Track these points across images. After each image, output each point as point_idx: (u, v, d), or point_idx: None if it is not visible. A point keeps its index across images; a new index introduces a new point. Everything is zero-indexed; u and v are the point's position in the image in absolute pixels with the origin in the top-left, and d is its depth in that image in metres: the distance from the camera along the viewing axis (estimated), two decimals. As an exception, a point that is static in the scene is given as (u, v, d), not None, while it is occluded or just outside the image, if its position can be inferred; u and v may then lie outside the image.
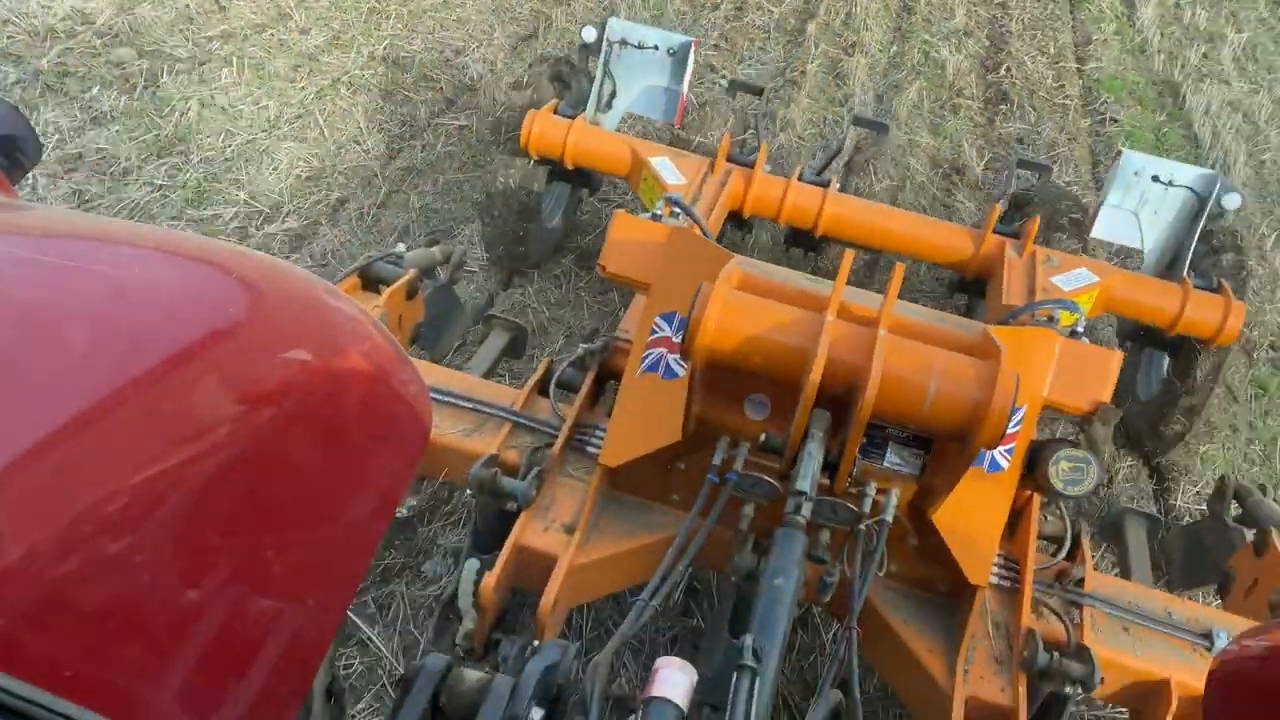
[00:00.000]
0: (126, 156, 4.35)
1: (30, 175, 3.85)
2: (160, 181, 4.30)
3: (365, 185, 4.55)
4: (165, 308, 1.00)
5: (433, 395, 2.59)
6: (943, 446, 2.19)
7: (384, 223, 4.35)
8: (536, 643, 1.38)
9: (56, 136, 4.35)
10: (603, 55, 3.72)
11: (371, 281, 2.99)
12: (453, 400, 2.63)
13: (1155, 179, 3.59)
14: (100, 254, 1.02)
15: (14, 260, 0.91)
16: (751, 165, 3.61)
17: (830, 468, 2.10)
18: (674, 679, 1.31)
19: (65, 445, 0.83)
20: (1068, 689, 2.23)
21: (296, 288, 1.18)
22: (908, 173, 5.19)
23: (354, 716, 2.55)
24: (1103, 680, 2.22)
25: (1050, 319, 2.80)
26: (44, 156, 4.20)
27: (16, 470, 0.77)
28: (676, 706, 1.29)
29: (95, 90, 4.70)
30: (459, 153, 4.85)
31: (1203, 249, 3.58)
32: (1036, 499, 2.53)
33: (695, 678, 1.34)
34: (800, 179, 3.64)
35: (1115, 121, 6.42)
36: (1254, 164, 6.19)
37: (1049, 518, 2.61)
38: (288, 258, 4.01)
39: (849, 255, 2.18)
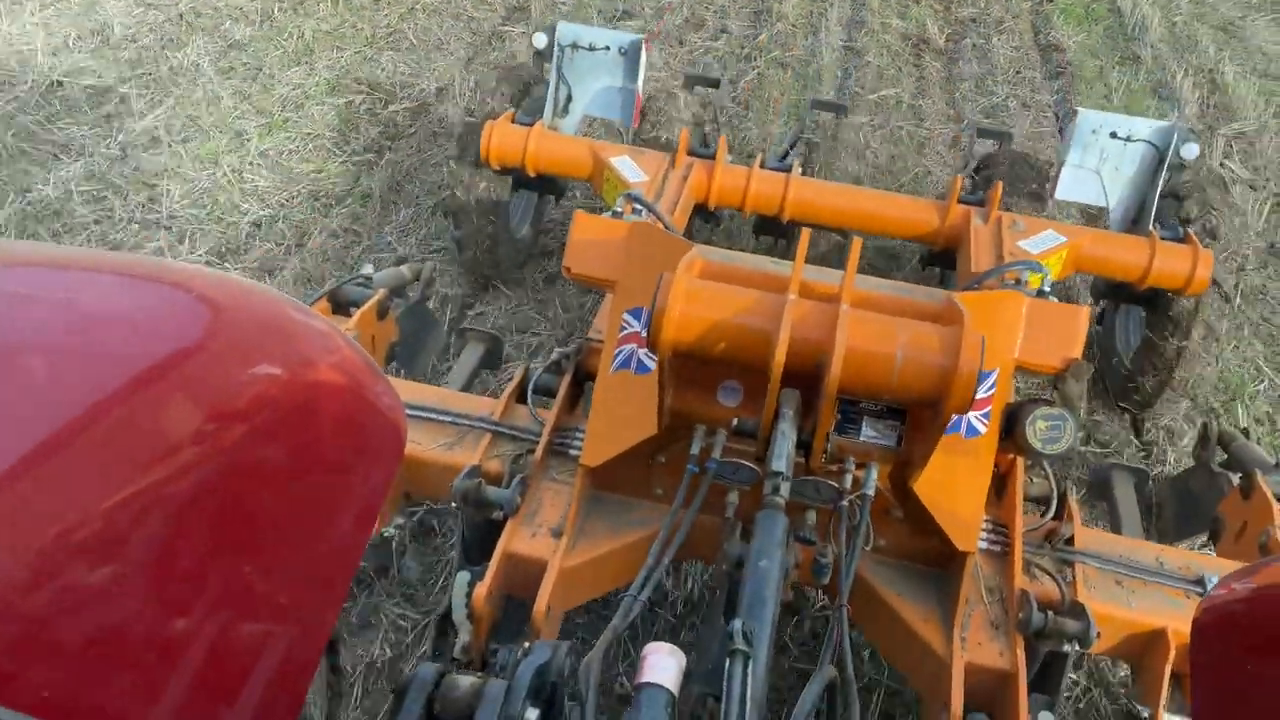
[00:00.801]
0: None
1: None
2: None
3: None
4: (125, 329, 1.00)
5: (411, 411, 2.60)
6: (917, 416, 2.20)
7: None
8: (526, 645, 1.38)
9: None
10: (555, 60, 3.73)
11: (342, 305, 2.99)
12: (431, 415, 2.63)
13: (1113, 135, 3.61)
14: (55, 281, 1.01)
15: None
16: (713, 157, 3.62)
17: (805, 447, 2.10)
18: (663, 664, 1.31)
19: (29, 474, 0.83)
20: (1065, 647, 2.25)
21: (260, 304, 1.17)
22: (885, 46, 6.70)
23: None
24: (1099, 635, 2.23)
25: (1017, 281, 2.82)
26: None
27: None
28: (668, 691, 1.29)
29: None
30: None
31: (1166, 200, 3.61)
32: (1021, 461, 2.54)
33: (684, 661, 1.35)
34: (763, 166, 3.66)
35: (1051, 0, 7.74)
36: (1166, 24, 7.57)
37: (1034, 479, 2.62)
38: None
39: (806, 234, 2.19)
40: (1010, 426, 2.33)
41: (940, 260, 3.82)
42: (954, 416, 2.05)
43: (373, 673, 2.78)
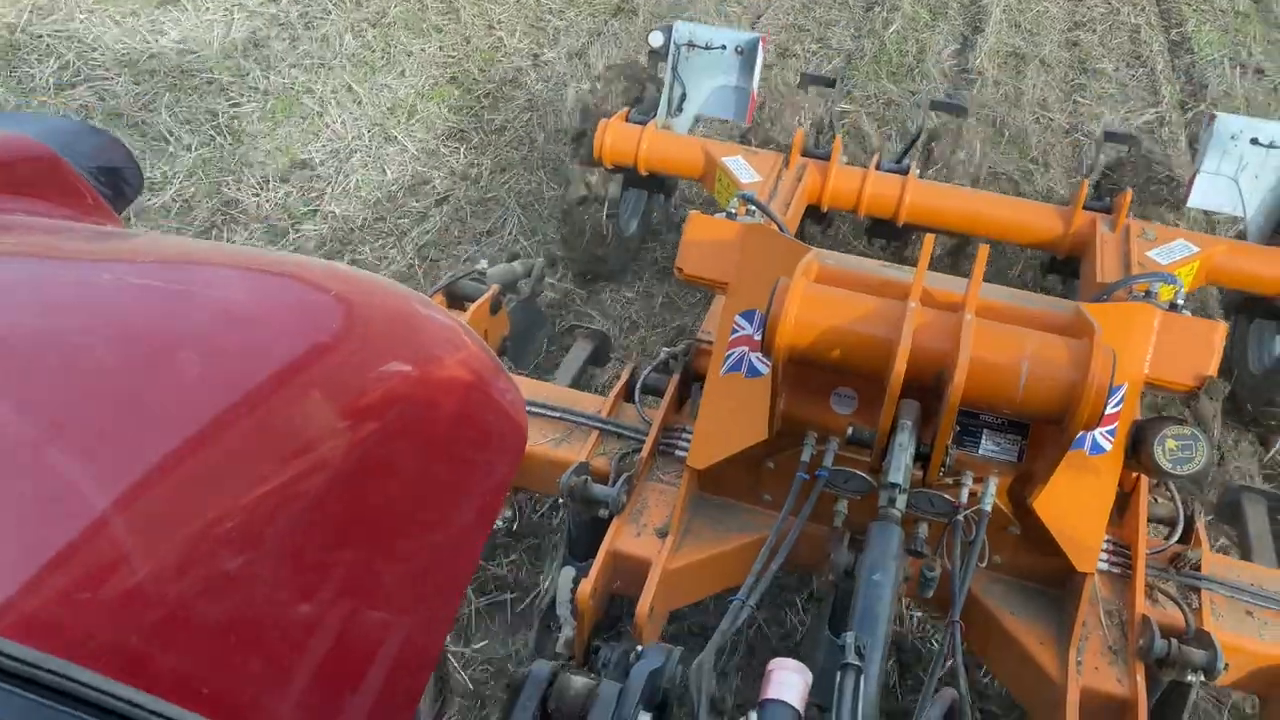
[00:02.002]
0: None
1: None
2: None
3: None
4: (269, 328, 1.03)
5: (522, 407, 2.63)
6: (1040, 431, 2.13)
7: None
8: (640, 648, 1.38)
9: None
10: (670, 59, 3.73)
11: (456, 299, 3.05)
12: (540, 410, 2.66)
13: (1254, 142, 3.43)
14: (203, 278, 1.05)
15: (123, 288, 0.95)
16: (827, 158, 3.57)
17: (923, 459, 2.06)
18: (789, 680, 1.30)
19: (183, 467, 0.86)
20: (1189, 677, 2.15)
21: (391, 301, 1.20)
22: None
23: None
24: (1227, 666, 2.12)
25: (1148, 293, 2.70)
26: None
27: (141, 493, 0.80)
28: (793, 709, 1.28)
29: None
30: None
31: None
32: (1145, 481, 2.44)
33: (810, 679, 1.33)
34: (879, 168, 3.59)
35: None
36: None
37: (1159, 500, 2.51)
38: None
39: (929, 240, 2.14)
40: (1137, 445, 2.23)
41: (1062, 269, 3.69)
42: (1079, 433, 1.97)
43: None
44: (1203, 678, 2.14)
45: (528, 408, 2.64)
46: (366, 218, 4.49)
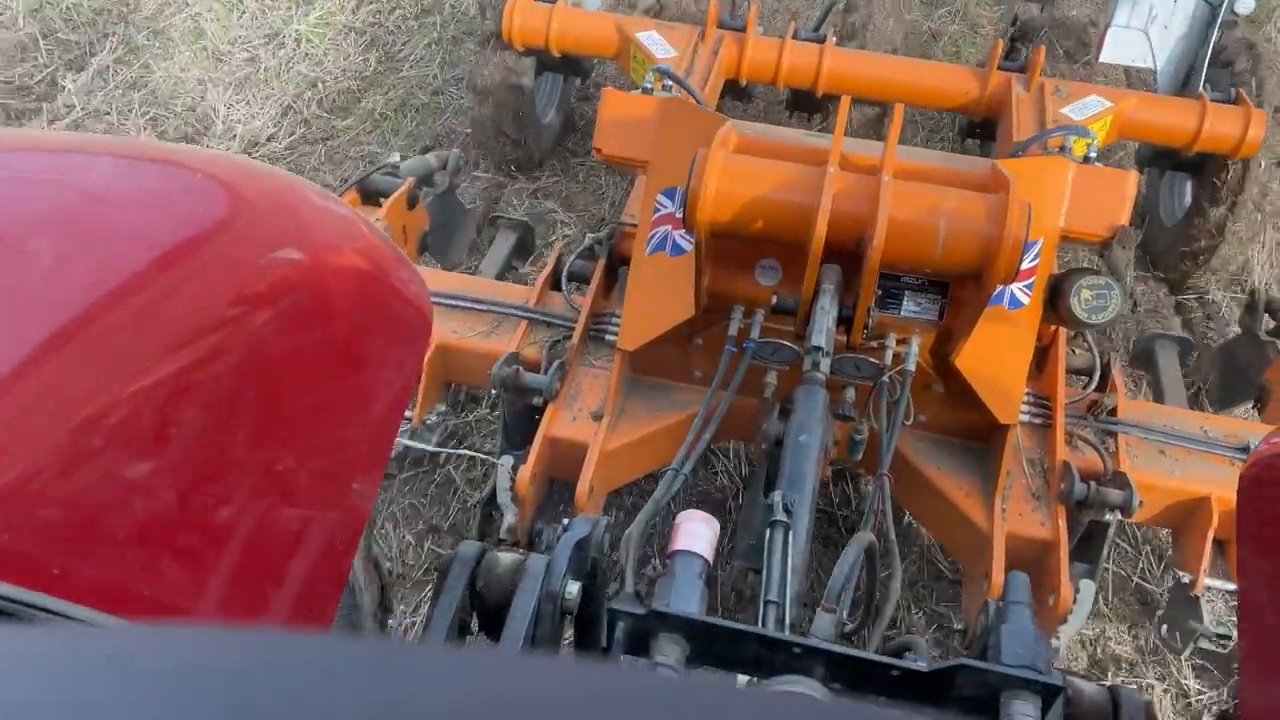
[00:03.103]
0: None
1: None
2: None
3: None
4: (141, 212, 0.98)
5: (447, 300, 2.60)
6: (960, 288, 2.16)
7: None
8: (566, 520, 1.40)
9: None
10: (577, -68, 3.58)
11: (370, 195, 2.96)
12: (467, 304, 2.62)
13: (1164, -9, 3.43)
14: (68, 164, 1.00)
15: None
16: (743, 30, 3.49)
17: (846, 323, 2.08)
18: (696, 530, 1.33)
19: (51, 359, 0.82)
20: (1108, 516, 2.25)
21: (280, 188, 1.16)
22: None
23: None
24: (1142, 504, 2.23)
25: (1062, 148, 2.72)
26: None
27: (4, 386, 0.76)
28: (701, 557, 1.31)
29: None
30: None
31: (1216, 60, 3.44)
32: (1063, 333, 2.50)
33: (718, 528, 1.36)
34: (796, 37, 3.52)
35: None
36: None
37: (1077, 351, 2.59)
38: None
39: (845, 101, 2.12)
40: (1054, 297, 2.28)
41: (981, 131, 3.70)
42: (998, 288, 2.01)
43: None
44: (1120, 515, 2.24)
45: (454, 302, 2.61)
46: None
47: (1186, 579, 2.36)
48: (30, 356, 0.79)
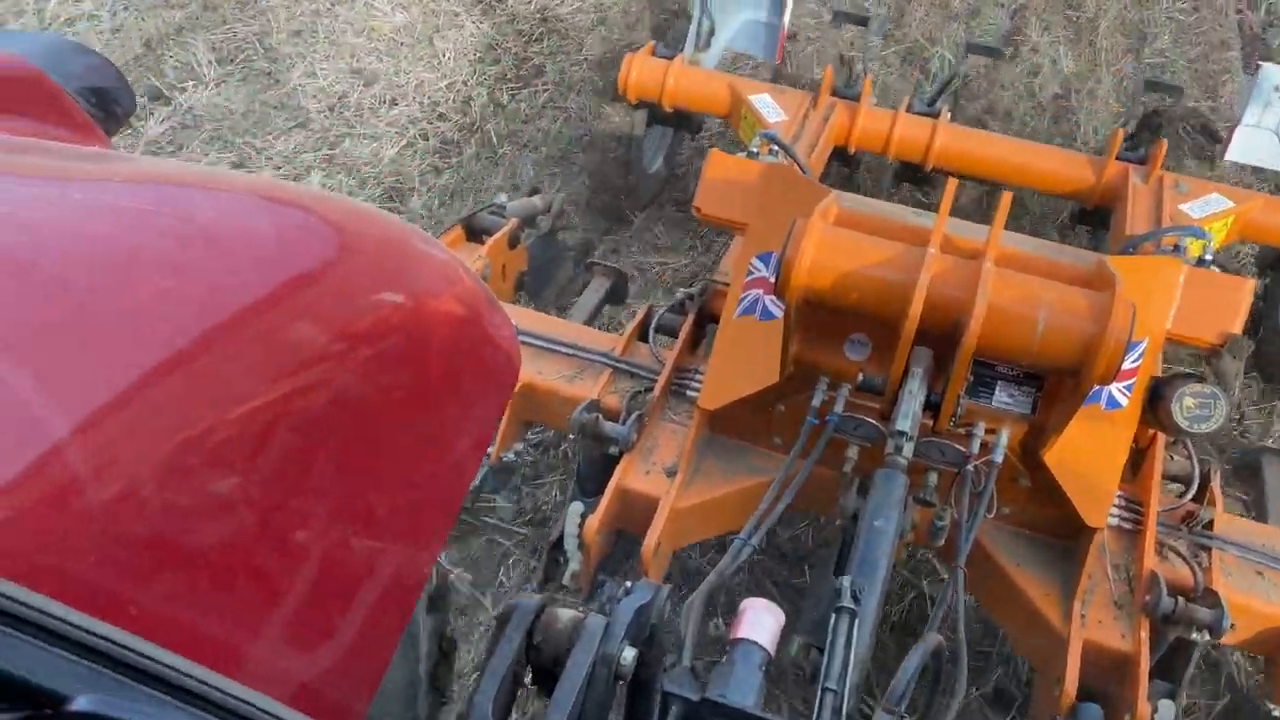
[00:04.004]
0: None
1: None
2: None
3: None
4: (253, 248, 1.02)
5: (536, 341, 2.63)
6: (1055, 383, 2.10)
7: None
8: (629, 584, 1.39)
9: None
10: (700, -9, 3.64)
11: (475, 232, 3.03)
12: (555, 347, 2.65)
13: (1299, 93, 3.32)
14: (189, 200, 1.04)
15: (95, 208, 0.94)
16: (857, 99, 3.49)
17: (934, 408, 2.03)
18: (761, 620, 1.30)
19: (161, 381, 0.85)
20: (1194, 635, 2.14)
21: (386, 231, 1.19)
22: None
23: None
24: (1233, 626, 2.11)
25: (1176, 247, 2.64)
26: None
27: (106, 410, 0.79)
28: (762, 648, 1.28)
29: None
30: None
31: None
32: (1161, 438, 2.41)
33: (783, 619, 1.33)
34: (910, 110, 3.51)
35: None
36: None
37: (1175, 457, 2.48)
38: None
39: (952, 184, 2.09)
40: (1155, 401, 2.20)
41: (1091, 219, 3.61)
42: (1095, 387, 1.94)
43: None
44: (1208, 636, 2.13)
45: (542, 343, 2.64)
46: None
47: (1277, 712, 2.22)
48: (140, 378, 0.82)
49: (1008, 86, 4.81)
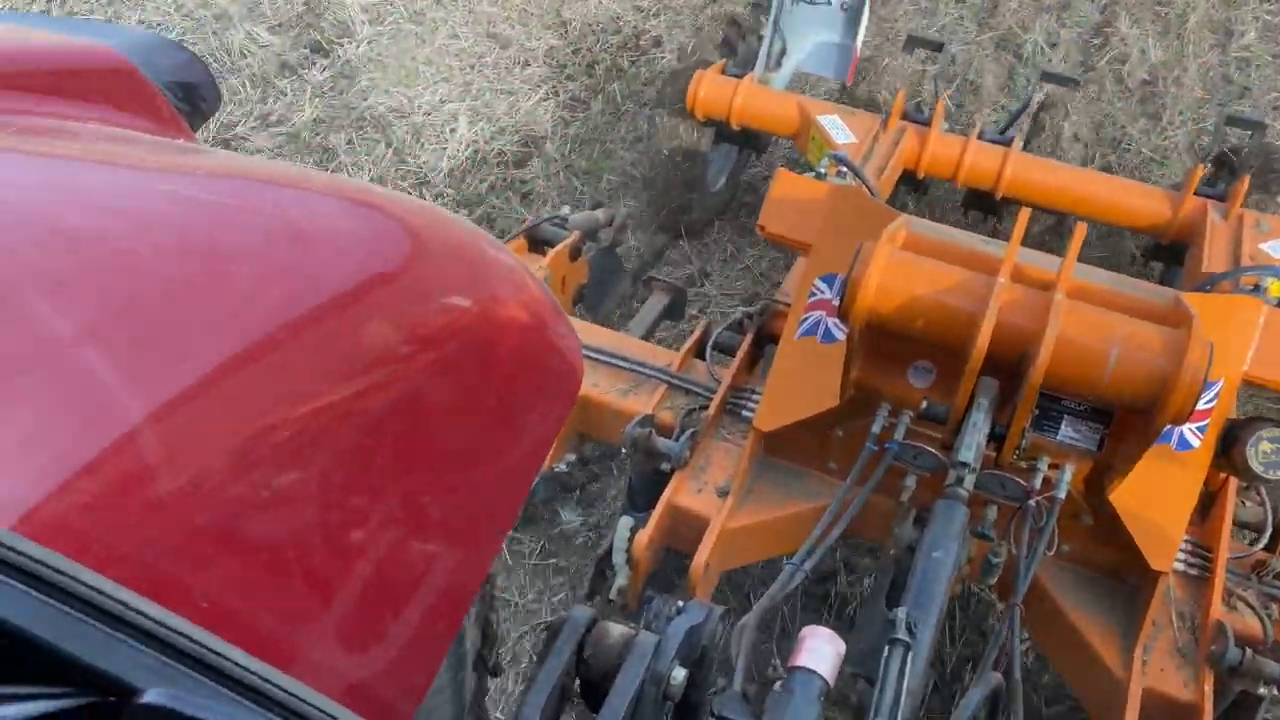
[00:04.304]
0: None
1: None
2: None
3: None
4: (330, 248, 1.03)
5: (592, 355, 2.63)
6: (1124, 420, 2.04)
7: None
8: (682, 603, 1.37)
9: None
10: (773, 11, 3.63)
11: (538, 243, 3.05)
12: (611, 360, 2.65)
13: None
14: (270, 196, 1.05)
15: (180, 199, 0.95)
16: (928, 124, 3.45)
17: (997, 440, 1.99)
18: (821, 649, 1.27)
19: (229, 378, 0.86)
20: (1262, 689, 2.06)
21: (458, 236, 1.20)
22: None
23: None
24: None
25: (1256, 287, 2.56)
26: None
27: (183, 399, 0.80)
28: (822, 678, 1.25)
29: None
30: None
31: None
32: (1233, 482, 2.33)
33: (843, 649, 1.30)
34: (981, 138, 3.46)
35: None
36: None
37: (1247, 503, 2.40)
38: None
39: (1024, 213, 2.05)
40: (1229, 445, 2.13)
41: (1166, 255, 3.52)
42: (1167, 426, 1.89)
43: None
44: (1276, 691, 2.05)
45: (599, 356, 2.64)
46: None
47: (1346, 775, 2.13)
48: (216, 369, 0.83)
49: (1094, 78, 5.01)
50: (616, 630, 1.29)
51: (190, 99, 1.38)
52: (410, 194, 4.17)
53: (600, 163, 4.52)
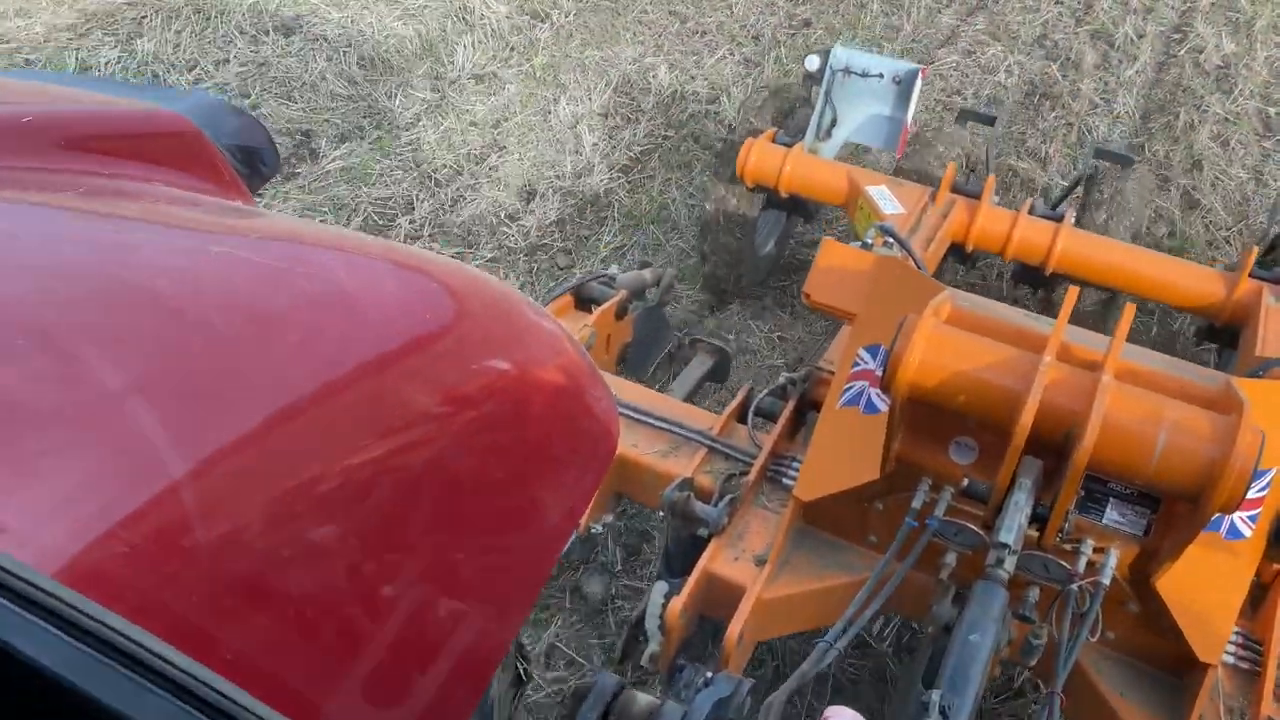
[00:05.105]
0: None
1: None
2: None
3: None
4: (374, 311, 1.06)
5: (632, 415, 2.64)
6: (1172, 507, 2.00)
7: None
8: (710, 674, 1.36)
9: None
10: (825, 83, 3.68)
11: (584, 301, 3.09)
12: (652, 421, 2.65)
13: None
14: (318, 259, 1.09)
15: (233, 261, 0.99)
16: (978, 197, 3.45)
17: (1040, 520, 1.96)
18: None
19: (273, 432, 0.89)
20: (1313, 791, 1.98)
21: (499, 299, 1.22)
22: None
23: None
24: None
25: (1312, 374, 2.50)
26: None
27: (224, 454, 0.82)
28: None
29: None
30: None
31: None
32: (1287, 574, 2.26)
33: None
34: (1031, 212, 3.45)
35: None
36: None
37: (1301, 597, 2.32)
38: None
39: (1073, 292, 2.04)
40: (1281, 535, 2.07)
41: (1219, 337, 3.46)
42: (1216, 514, 1.84)
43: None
44: (1327, 794, 1.97)
45: (640, 417, 2.64)
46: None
47: None
48: (258, 426, 0.85)
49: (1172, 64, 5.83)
50: (643, 699, 1.28)
51: (250, 162, 1.43)
52: (634, 117, 5.17)
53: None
